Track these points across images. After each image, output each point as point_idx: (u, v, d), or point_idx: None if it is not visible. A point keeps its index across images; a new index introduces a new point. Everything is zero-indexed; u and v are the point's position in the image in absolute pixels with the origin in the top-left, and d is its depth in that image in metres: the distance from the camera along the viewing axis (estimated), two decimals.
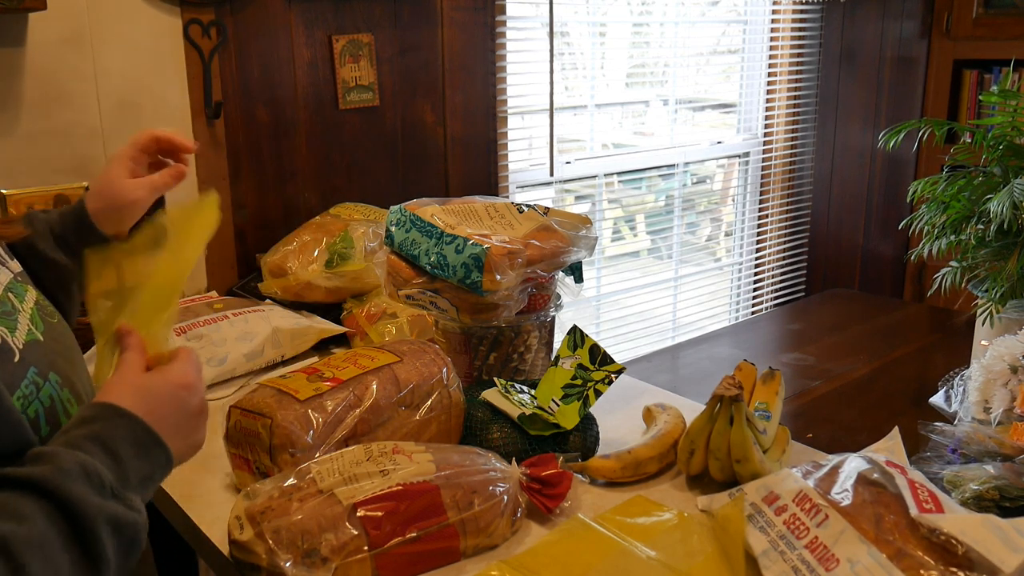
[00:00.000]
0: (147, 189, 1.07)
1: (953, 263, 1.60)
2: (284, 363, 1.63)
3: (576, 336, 1.26)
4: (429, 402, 1.18)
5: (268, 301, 1.82)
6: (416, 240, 1.35)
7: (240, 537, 0.94)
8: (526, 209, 1.38)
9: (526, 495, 1.06)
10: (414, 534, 0.96)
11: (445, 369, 1.21)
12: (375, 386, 1.14)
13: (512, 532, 1.04)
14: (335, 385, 1.13)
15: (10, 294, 0.83)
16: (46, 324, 0.84)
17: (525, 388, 1.26)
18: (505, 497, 1.02)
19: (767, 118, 3.43)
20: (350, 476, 0.98)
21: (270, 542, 0.92)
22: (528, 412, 1.17)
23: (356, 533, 0.93)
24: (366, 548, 0.93)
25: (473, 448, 1.08)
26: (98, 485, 0.68)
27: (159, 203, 1.17)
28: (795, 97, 3.44)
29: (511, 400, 1.21)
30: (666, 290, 3.40)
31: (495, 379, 1.28)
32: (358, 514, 0.94)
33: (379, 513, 0.94)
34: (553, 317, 1.44)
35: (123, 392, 0.77)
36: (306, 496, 0.95)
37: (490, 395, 1.23)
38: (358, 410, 1.11)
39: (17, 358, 0.75)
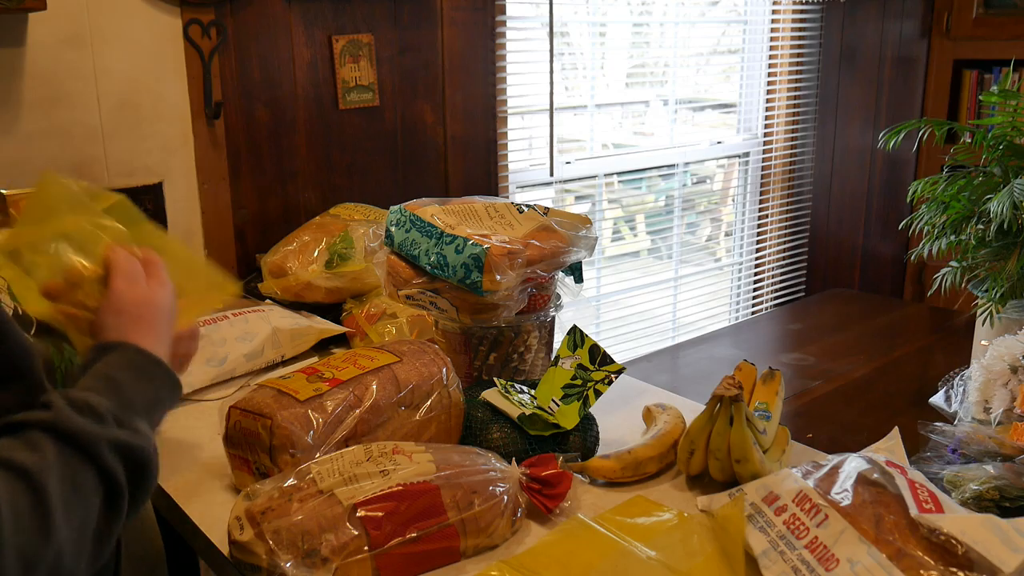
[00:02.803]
0: None
1: (953, 263, 1.60)
2: (284, 363, 1.62)
3: (576, 336, 1.26)
4: (429, 402, 1.18)
5: (268, 301, 1.82)
6: (416, 240, 1.35)
7: (240, 538, 0.94)
8: (526, 209, 1.38)
9: (526, 495, 1.06)
10: (414, 534, 0.95)
11: (445, 369, 1.21)
12: (375, 386, 1.14)
13: (512, 532, 1.04)
14: (335, 385, 1.12)
15: None
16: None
17: (525, 388, 1.26)
18: (505, 497, 1.02)
19: (767, 118, 3.43)
20: (350, 476, 0.98)
21: (270, 543, 0.92)
22: (528, 412, 1.17)
23: (356, 533, 0.93)
24: (366, 548, 0.93)
25: (473, 448, 1.08)
26: (96, 416, 0.72)
27: None
28: (795, 97, 3.44)
29: (511, 400, 1.21)
30: (666, 290, 3.40)
31: (495, 379, 1.28)
32: (358, 514, 0.94)
33: (379, 513, 0.94)
34: (553, 317, 1.44)
35: (107, 324, 0.84)
36: (306, 496, 0.95)
37: (490, 395, 1.22)
38: (358, 410, 1.11)
39: (33, 331, 0.78)
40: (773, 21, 3.33)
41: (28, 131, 1.79)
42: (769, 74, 3.38)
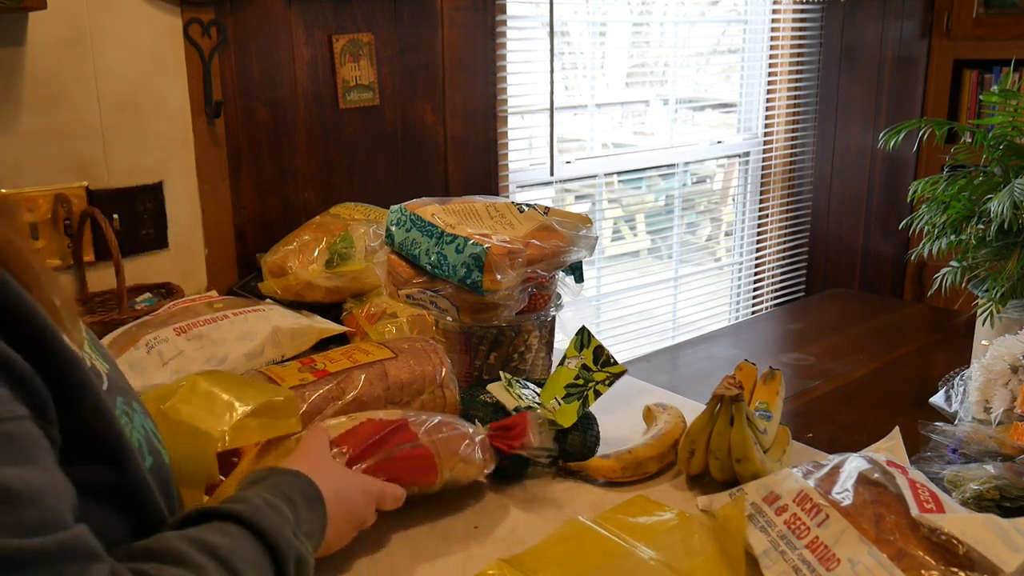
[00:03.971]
0: None
1: (953, 263, 1.60)
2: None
3: (584, 337, 1.26)
4: (419, 400, 1.18)
5: (268, 301, 1.82)
6: (416, 240, 1.35)
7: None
8: (526, 209, 1.38)
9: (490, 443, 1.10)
10: (390, 451, 1.00)
11: (443, 369, 1.21)
12: (361, 380, 1.15)
13: (486, 473, 1.08)
14: (321, 377, 1.14)
15: None
16: (100, 353, 0.80)
17: (531, 385, 1.26)
18: (471, 430, 1.08)
19: (767, 118, 3.43)
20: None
21: None
22: (523, 406, 1.17)
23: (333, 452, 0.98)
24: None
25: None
26: (287, 522, 0.74)
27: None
28: (795, 97, 3.43)
29: (511, 393, 1.21)
30: (666, 290, 3.40)
31: (501, 372, 1.28)
32: (332, 440, 0.99)
33: (353, 439, 0.99)
34: (553, 317, 1.44)
35: (301, 461, 0.89)
36: None
37: (494, 387, 1.23)
38: (340, 402, 1.12)
39: (106, 385, 0.70)
40: (773, 21, 3.33)
41: (28, 131, 1.79)
42: (769, 74, 3.38)
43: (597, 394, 1.21)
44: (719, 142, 3.40)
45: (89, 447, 0.63)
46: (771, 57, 3.35)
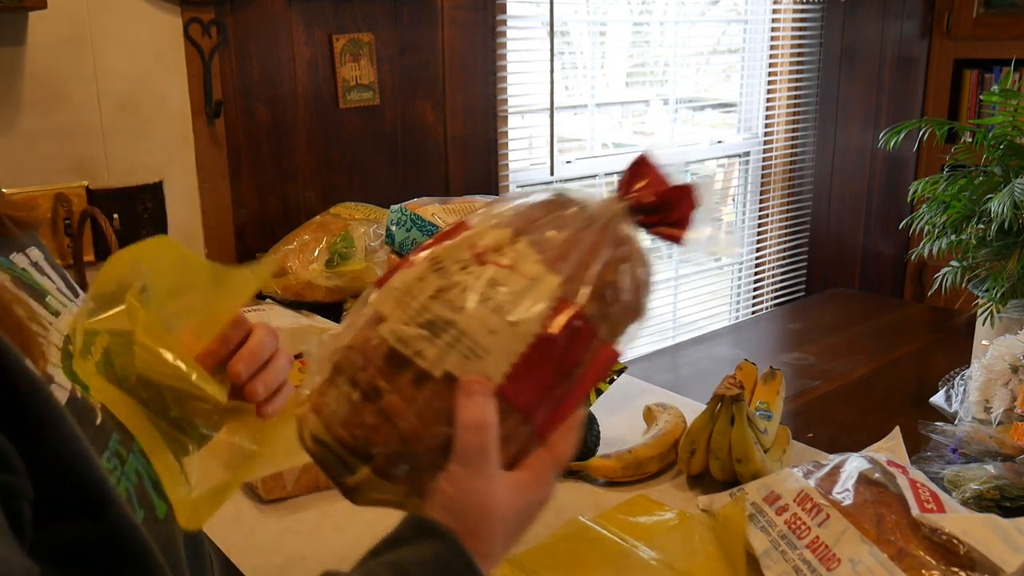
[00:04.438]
0: None
1: (954, 263, 1.60)
2: None
3: None
4: None
5: (268, 300, 1.82)
6: (416, 240, 1.35)
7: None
8: None
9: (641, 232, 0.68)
10: (572, 375, 0.61)
11: None
12: None
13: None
14: None
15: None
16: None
17: None
18: (627, 265, 0.64)
19: (767, 118, 3.43)
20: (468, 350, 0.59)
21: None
22: None
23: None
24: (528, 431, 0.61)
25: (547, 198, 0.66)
26: None
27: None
28: (795, 97, 3.43)
29: None
30: (666, 290, 3.40)
31: None
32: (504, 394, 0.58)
33: (526, 385, 0.59)
34: None
35: (452, 506, 0.57)
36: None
37: None
38: None
39: (99, 420, 0.58)
40: (773, 20, 3.33)
41: (28, 130, 1.79)
42: (769, 73, 3.38)
43: (598, 393, 1.21)
44: (719, 142, 3.40)
45: (67, 496, 0.51)
46: (771, 57, 3.35)
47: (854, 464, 0.99)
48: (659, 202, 0.68)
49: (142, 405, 0.65)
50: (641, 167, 0.68)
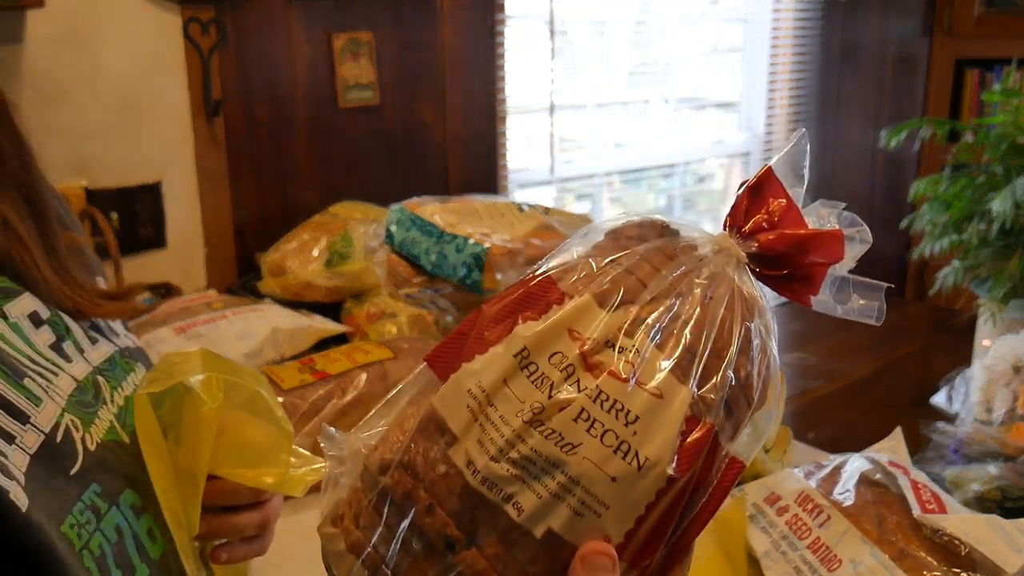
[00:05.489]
0: None
1: (955, 262, 1.59)
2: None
3: None
4: None
5: (267, 300, 1.82)
6: (416, 239, 1.35)
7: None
8: (527, 208, 1.38)
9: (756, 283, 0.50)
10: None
11: None
12: (362, 380, 1.15)
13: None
14: (321, 378, 1.14)
15: (100, 377, 0.62)
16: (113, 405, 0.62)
17: None
18: (758, 344, 0.48)
19: (768, 117, 3.43)
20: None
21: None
22: None
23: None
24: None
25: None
26: None
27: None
28: (796, 96, 3.43)
29: None
30: None
31: None
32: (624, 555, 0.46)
33: (654, 547, 0.46)
34: None
35: None
36: None
37: None
38: (340, 402, 1.12)
39: (77, 467, 0.53)
40: (774, 20, 3.32)
41: (26, 130, 1.79)
42: (770, 73, 3.37)
43: None
44: (720, 141, 3.40)
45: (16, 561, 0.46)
46: (772, 56, 3.35)
47: (855, 464, 0.98)
48: (790, 251, 0.48)
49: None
50: (763, 192, 0.49)
